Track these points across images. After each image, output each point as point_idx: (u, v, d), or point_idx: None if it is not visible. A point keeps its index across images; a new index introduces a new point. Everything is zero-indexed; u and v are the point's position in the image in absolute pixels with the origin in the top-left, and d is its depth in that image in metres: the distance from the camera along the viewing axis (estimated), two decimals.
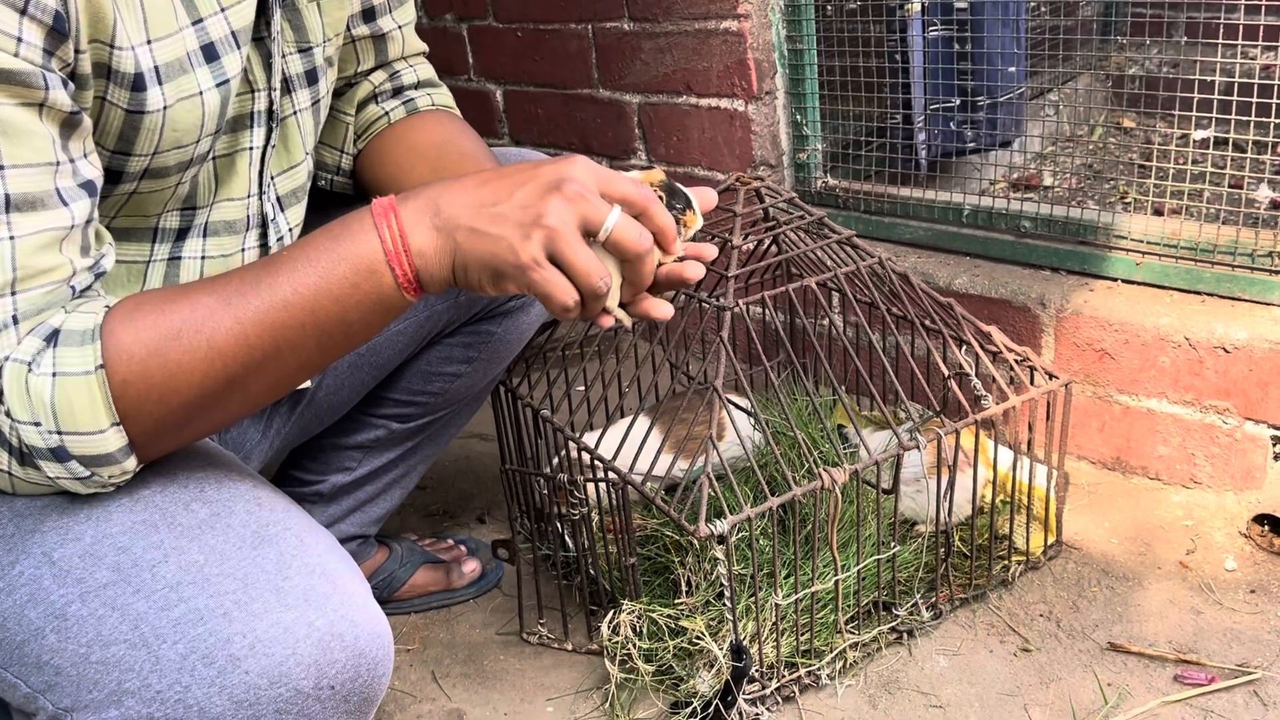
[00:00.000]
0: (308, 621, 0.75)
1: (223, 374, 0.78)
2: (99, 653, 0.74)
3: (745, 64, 1.80)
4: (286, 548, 0.80)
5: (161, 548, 0.77)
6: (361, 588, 0.82)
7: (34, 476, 0.78)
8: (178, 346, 0.77)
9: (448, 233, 0.80)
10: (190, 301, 0.78)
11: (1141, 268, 1.54)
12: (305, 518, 0.86)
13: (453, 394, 1.37)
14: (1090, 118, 2.28)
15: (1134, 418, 1.54)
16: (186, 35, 0.87)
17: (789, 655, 1.24)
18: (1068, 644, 1.28)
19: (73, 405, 0.74)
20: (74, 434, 0.75)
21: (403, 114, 1.21)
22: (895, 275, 1.34)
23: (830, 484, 1.16)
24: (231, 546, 0.78)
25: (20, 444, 0.76)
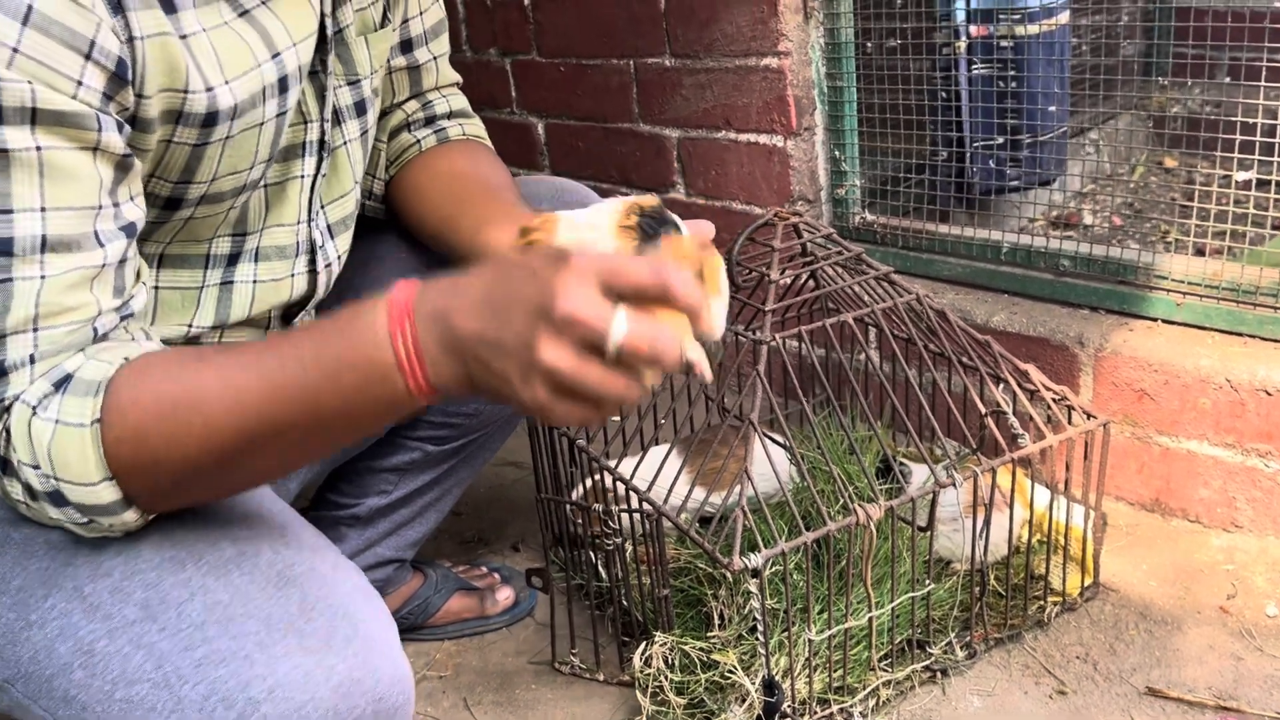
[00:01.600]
0: (328, 666, 0.75)
1: (218, 451, 0.76)
2: (124, 691, 0.75)
3: (785, 100, 1.82)
4: (310, 588, 0.80)
5: (189, 585, 0.78)
6: (384, 630, 0.81)
7: (43, 515, 0.78)
8: (174, 418, 0.75)
9: (458, 354, 0.72)
10: (196, 374, 0.77)
11: (1182, 308, 1.53)
12: (333, 555, 0.86)
13: (487, 415, 1.38)
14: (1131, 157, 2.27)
15: (1174, 459, 1.53)
16: (265, 70, 0.90)
17: (821, 691, 1.23)
18: (1104, 687, 1.27)
19: (66, 455, 0.74)
20: (68, 482, 0.75)
21: (434, 142, 1.24)
22: (933, 311, 1.34)
23: (865, 520, 1.16)
24: (256, 586, 0.79)
25: (29, 484, 0.76)
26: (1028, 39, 1.78)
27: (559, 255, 0.71)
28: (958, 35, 1.76)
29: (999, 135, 1.81)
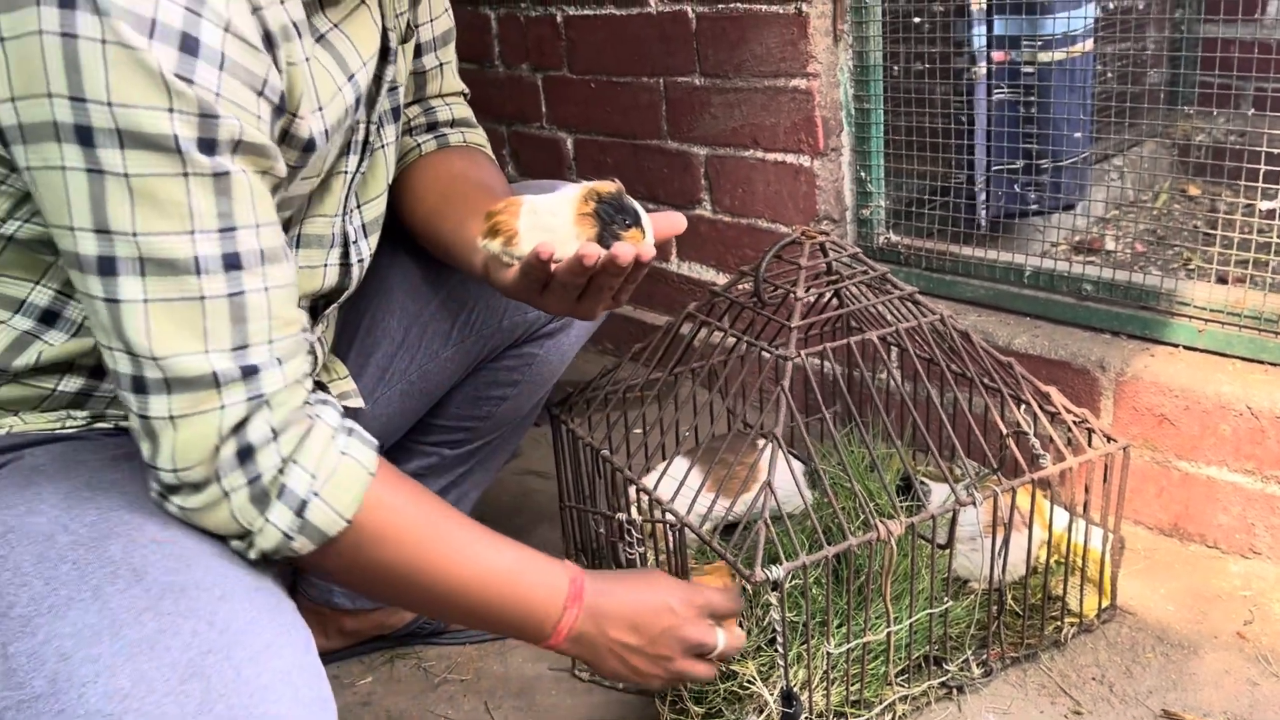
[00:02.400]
0: None
1: (398, 577, 0.97)
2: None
3: (812, 121, 1.85)
4: (216, 683, 0.76)
5: (97, 663, 0.75)
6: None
7: (244, 512, 0.86)
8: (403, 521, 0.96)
9: (596, 646, 1.08)
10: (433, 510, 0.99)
11: (1204, 335, 1.54)
12: (267, 638, 0.81)
13: (500, 418, 1.41)
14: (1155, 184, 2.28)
15: (1193, 485, 1.54)
16: (345, 92, 0.97)
17: (838, 705, 1.25)
18: (1120, 709, 1.28)
19: (343, 483, 0.90)
20: (324, 502, 0.89)
21: (433, 147, 1.28)
22: (956, 332, 1.36)
23: (886, 535, 1.17)
24: (160, 676, 0.75)
25: (275, 482, 0.87)
26: (1051, 65, 1.80)
27: (684, 595, 1.11)
28: (977, 60, 1.79)
29: (1019, 160, 1.83)
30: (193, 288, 0.81)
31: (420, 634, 1.49)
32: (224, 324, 0.83)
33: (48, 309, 0.93)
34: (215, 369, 0.83)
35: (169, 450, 0.84)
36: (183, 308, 0.81)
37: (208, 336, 0.82)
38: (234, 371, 0.84)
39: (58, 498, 0.87)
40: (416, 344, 1.30)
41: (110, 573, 0.81)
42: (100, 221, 0.78)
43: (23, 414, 0.96)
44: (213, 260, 0.81)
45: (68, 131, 0.76)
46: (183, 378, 0.82)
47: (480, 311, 1.32)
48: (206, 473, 0.85)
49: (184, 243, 0.80)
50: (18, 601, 0.80)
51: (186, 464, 0.84)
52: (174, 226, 0.79)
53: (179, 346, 0.81)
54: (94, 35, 0.74)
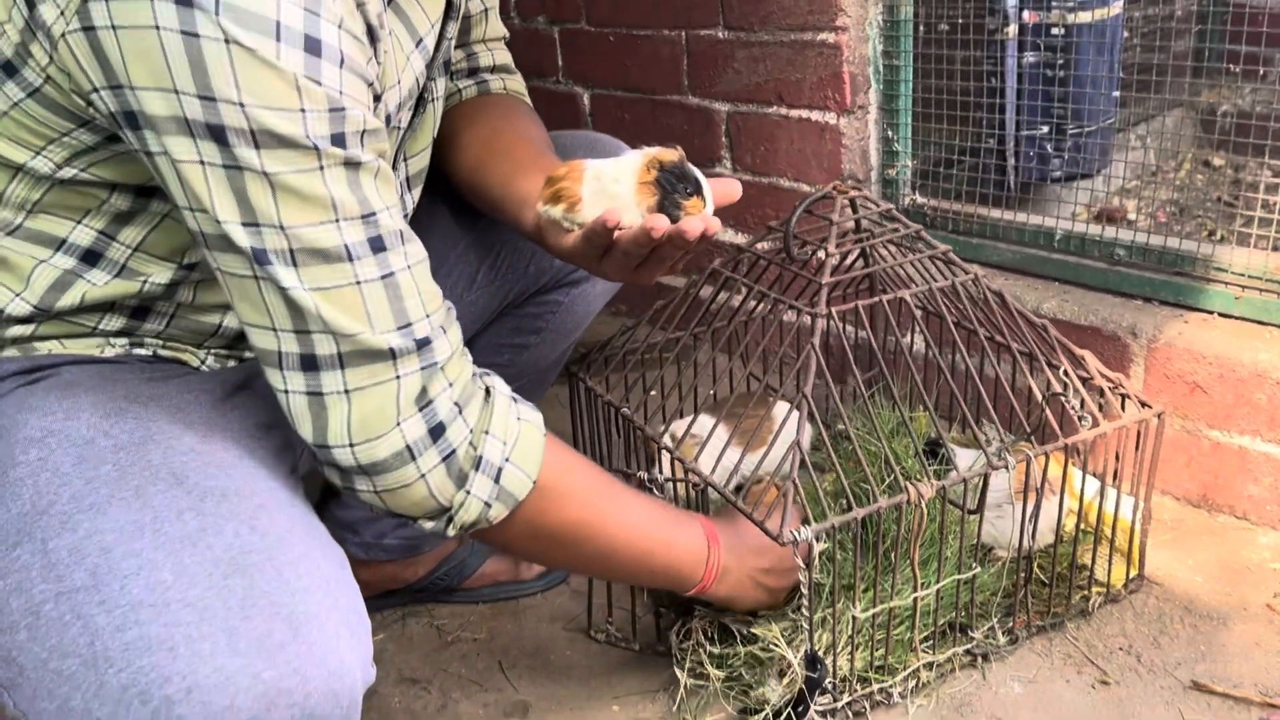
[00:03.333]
0: (254, 672, 0.72)
1: (574, 530, 1.04)
2: (56, 663, 0.72)
3: (840, 77, 1.80)
4: (259, 580, 0.76)
5: (139, 558, 0.75)
6: (332, 635, 0.77)
7: (443, 489, 0.91)
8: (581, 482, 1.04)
9: (739, 578, 1.18)
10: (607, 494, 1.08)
11: (1241, 302, 1.50)
12: (305, 544, 0.82)
13: (522, 366, 1.38)
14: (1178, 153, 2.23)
15: (1224, 454, 1.50)
16: (414, 60, 0.98)
17: (862, 670, 1.22)
18: (1148, 680, 1.25)
19: (528, 447, 0.96)
20: (514, 466, 0.95)
21: (474, 93, 1.26)
22: (990, 293, 1.32)
23: (916, 499, 1.14)
24: (203, 571, 0.75)
25: (471, 456, 0.92)
26: (1079, 25, 1.75)
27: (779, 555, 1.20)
28: (1008, 20, 1.74)
29: (1047, 123, 1.79)
30: (348, 273, 0.83)
31: (433, 590, 1.46)
32: (383, 306, 0.85)
33: (90, 249, 0.91)
34: (391, 345, 0.85)
35: (340, 424, 0.86)
36: (342, 294, 0.83)
37: (372, 320, 0.84)
38: (408, 345, 0.86)
39: (96, 407, 0.87)
40: (441, 286, 1.27)
41: (151, 475, 0.81)
42: (247, 215, 0.79)
43: (63, 340, 0.94)
44: (360, 246, 0.83)
45: (200, 128, 0.76)
46: (360, 350, 0.84)
47: (507, 255, 1.29)
48: (395, 450, 0.88)
49: (331, 232, 0.81)
50: (58, 499, 0.80)
51: (366, 437, 0.86)
52: (319, 217, 0.81)
53: (352, 327, 0.83)
54: (216, 35, 0.74)
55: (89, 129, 0.84)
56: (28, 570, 0.77)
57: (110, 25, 0.74)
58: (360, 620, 0.82)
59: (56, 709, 0.72)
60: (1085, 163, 1.80)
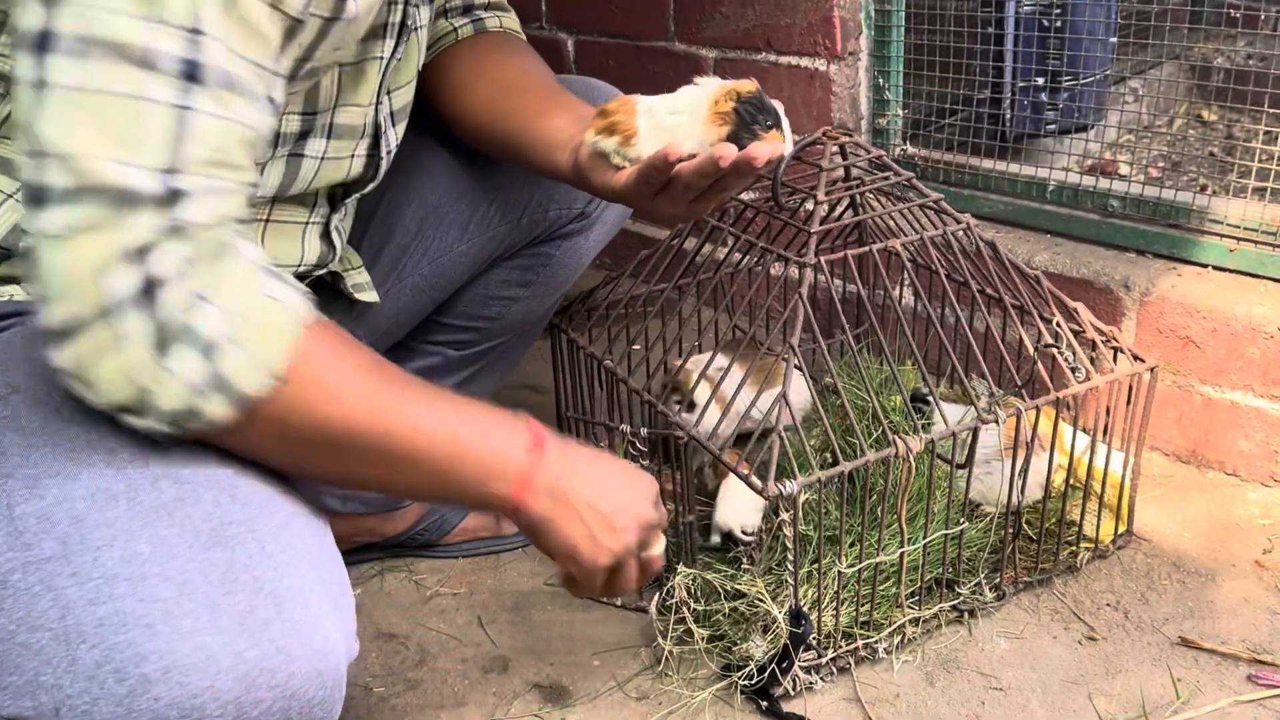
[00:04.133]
0: (236, 651, 0.68)
1: (337, 435, 0.79)
2: (24, 635, 0.68)
3: (830, 22, 1.75)
4: (240, 554, 0.72)
5: (112, 527, 0.70)
6: (316, 612, 0.73)
7: (136, 363, 0.70)
8: (338, 379, 0.78)
9: (561, 503, 0.89)
10: (362, 361, 0.81)
11: (1235, 254, 1.48)
12: (286, 514, 0.77)
13: (509, 320, 1.35)
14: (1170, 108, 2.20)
15: (1215, 410, 1.48)
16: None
17: (847, 625, 1.21)
18: (1135, 636, 1.24)
19: (266, 330, 0.74)
20: (241, 349, 0.72)
21: (470, 31, 1.21)
22: (982, 242, 1.29)
23: (904, 453, 1.12)
24: (182, 542, 0.71)
25: (179, 320, 0.70)
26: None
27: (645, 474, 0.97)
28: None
29: (1041, 76, 1.75)
30: (134, 83, 0.67)
31: (411, 545, 1.44)
32: (159, 137, 0.69)
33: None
34: (133, 184, 0.68)
35: (44, 275, 0.69)
36: (116, 104, 0.67)
37: (135, 146, 0.68)
38: (153, 190, 0.69)
39: None
40: (432, 236, 1.23)
41: (122, 438, 0.75)
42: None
43: (24, 284, 0.86)
44: (168, 59, 0.68)
45: None
46: (91, 186, 0.67)
47: (499, 207, 1.26)
48: (95, 305, 0.69)
49: (138, 27, 0.67)
50: (24, 463, 0.74)
51: (59, 291, 0.69)
52: (137, 8, 0.67)
53: (98, 148, 0.67)
54: None
55: None
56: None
57: None
58: (344, 593, 0.78)
59: (25, 683, 0.68)
60: (1081, 114, 1.76)
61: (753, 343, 1.35)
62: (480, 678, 1.25)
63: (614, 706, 1.19)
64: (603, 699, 1.20)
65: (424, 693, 1.23)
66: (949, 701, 1.16)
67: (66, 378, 0.72)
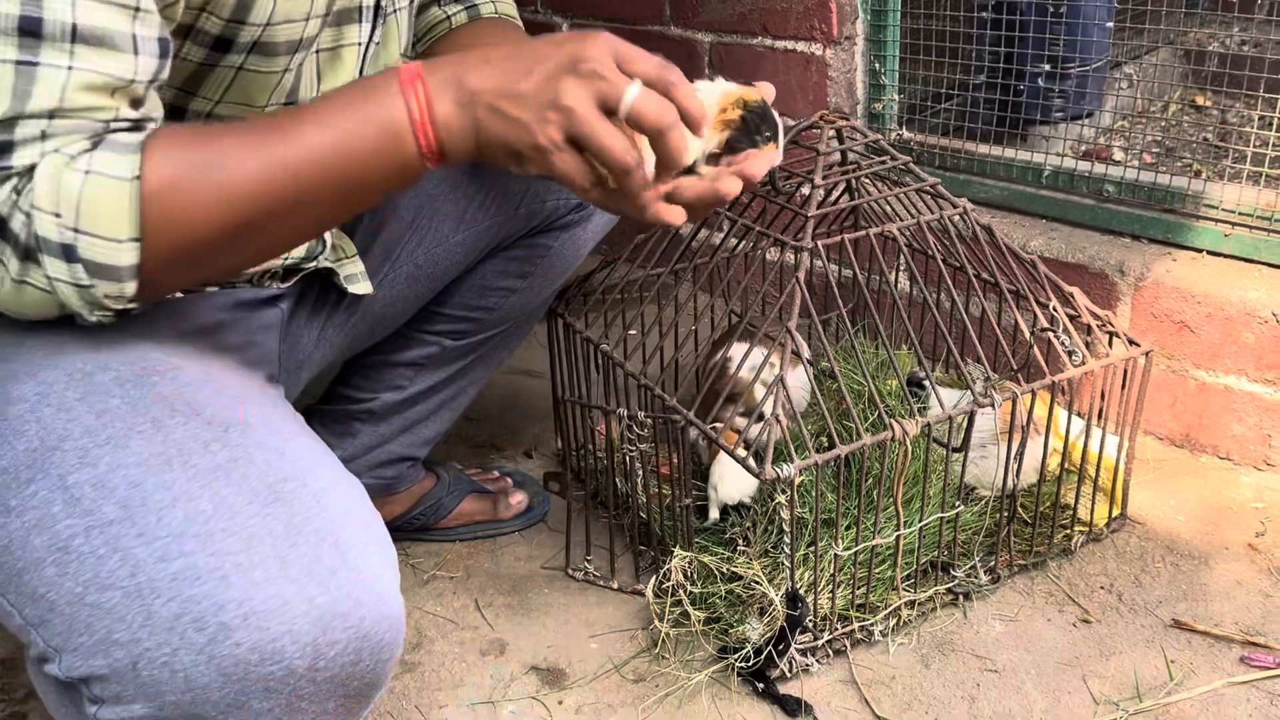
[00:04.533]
0: (308, 597, 0.71)
1: (242, 215, 0.75)
2: (94, 596, 0.70)
3: (827, 6, 1.75)
4: (300, 508, 0.75)
5: (172, 489, 0.73)
6: (376, 560, 0.76)
7: (31, 275, 0.72)
8: (205, 180, 0.74)
9: (470, 109, 0.77)
10: (221, 141, 0.76)
11: (1230, 239, 1.48)
12: (330, 472, 0.80)
13: (506, 310, 1.35)
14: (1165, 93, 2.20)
15: (1209, 394, 1.49)
16: None
17: (843, 608, 1.21)
18: (1129, 618, 1.25)
19: (98, 207, 0.71)
20: (90, 235, 0.71)
21: (464, 19, 1.19)
22: (979, 226, 1.29)
23: (901, 436, 1.12)
24: (243, 500, 0.74)
25: (30, 236, 0.71)
26: None
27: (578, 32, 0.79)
28: None
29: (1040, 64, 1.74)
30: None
31: (408, 529, 1.44)
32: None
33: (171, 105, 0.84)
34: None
35: None
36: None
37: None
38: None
39: (83, 341, 0.81)
40: (427, 226, 1.23)
41: (166, 408, 0.77)
42: None
43: None
44: (5, 18, 0.68)
45: None
46: None
47: (495, 197, 1.25)
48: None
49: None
50: (69, 435, 0.76)
51: None
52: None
53: None
54: None
55: None
56: (48, 505, 0.73)
57: None
58: (389, 546, 0.81)
59: (97, 641, 0.70)
60: (1088, 100, 1.76)
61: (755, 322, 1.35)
62: (478, 660, 1.25)
63: (611, 688, 1.19)
64: (599, 681, 1.21)
65: (422, 675, 1.23)
66: (944, 683, 1.17)
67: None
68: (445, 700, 1.20)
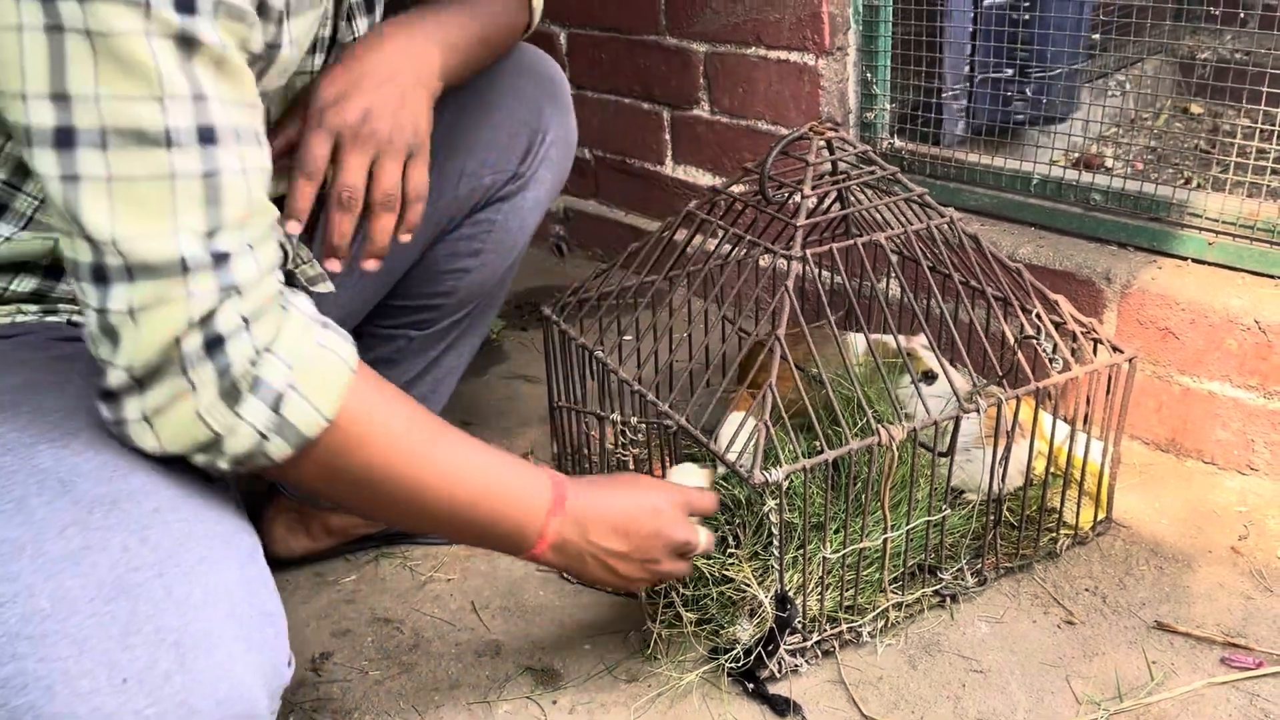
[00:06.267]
0: (134, 709, 0.67)
1: (377, 480, 0.90)
2: None
3: (819, 17, 1.77)
4: (144, 602, 0.71)
5: (17, 582, 0.69)
6: (225, 659, 0.73)
7: (215, 410, 0.78)
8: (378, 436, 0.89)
9: (579, 553, 1.05)
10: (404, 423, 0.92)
11: (1214, 247, 1.51)
12: (203, 550, 0.76)
13: (465, 292, 1.36)
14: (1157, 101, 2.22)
15: (1193, 399, 1.51)
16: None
17: (832, 610, 1.23)
18: (1113, 620, 1.27)
19: (324, 375, 0.84)
20: (302, 396, 0.82)
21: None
22: (965, 236, 1.31)
23: (887, 441, 1.15)
24: (85, 596, 0.69)
25: (247, 374, 0.79)
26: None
27: (668, 496, 1.10)
28: None
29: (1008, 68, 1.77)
30: (162, 164, 0.73)
31: (407, 533, 1.46)
32: (196, 205, 0.74)
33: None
34: (183, 254, 0.74)
35: (130, 346, 0.76)
36: (151, 187, 0.73)
37: (178, 218, 0.74)
38: (203, 258, 0.75)
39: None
40: None
41: (37, 483, 0.75)
42: (58, 85, 0.69)
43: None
44: (185, 132, 0.73)
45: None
46: (147, 263, 0.73)
47: (436, 179, 1.26)
48: (166, 363, 0.76)
49: (153, 110, 0.71)
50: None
51: (144, 358, 0.76)
52: (141, 90, 0.71)
53: (144, 228, 0.73)
54: None
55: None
56: None
57: None
58: (267, 622, 0.78)
59: None
60: (1049, 106, 1.78)
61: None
62: (474, 661, 1.28)
63: (604, 689, 1.22)
64: (593, 681, 1.23)
65: (418, 676, 1.26)
66: (930, 683, 1.20)
67: (126, 427, 0.79)
68: (441, 700, 1.22)
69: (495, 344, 2.05)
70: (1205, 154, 1.92)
